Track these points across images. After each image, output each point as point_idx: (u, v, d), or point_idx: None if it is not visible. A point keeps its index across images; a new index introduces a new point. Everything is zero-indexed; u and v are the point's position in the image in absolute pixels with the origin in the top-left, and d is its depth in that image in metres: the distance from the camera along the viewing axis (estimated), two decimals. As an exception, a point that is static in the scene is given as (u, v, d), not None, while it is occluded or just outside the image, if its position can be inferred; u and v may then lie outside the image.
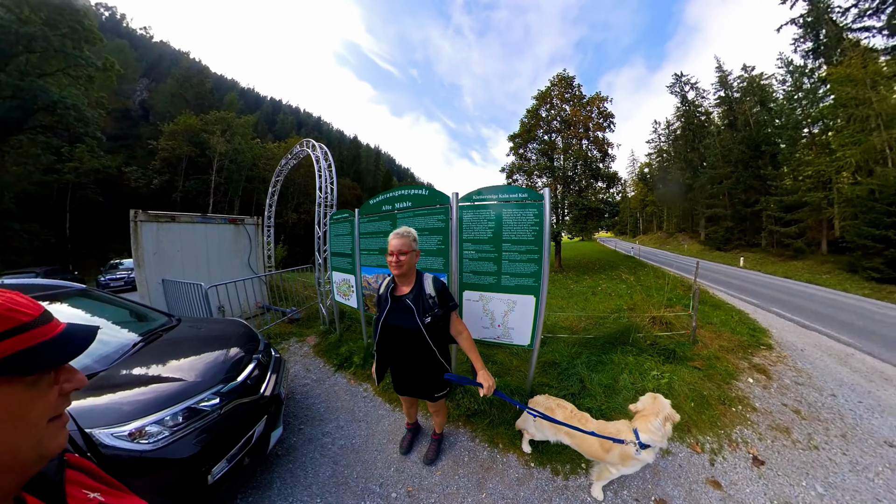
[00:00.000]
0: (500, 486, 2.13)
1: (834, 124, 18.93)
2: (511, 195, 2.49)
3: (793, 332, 6.15)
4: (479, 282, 2.65)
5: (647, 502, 2.01)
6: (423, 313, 1.68)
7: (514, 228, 2.49)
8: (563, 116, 19.11)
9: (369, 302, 3.69)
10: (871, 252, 13.55)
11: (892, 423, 3.15)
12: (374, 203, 3.40)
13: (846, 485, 2.29)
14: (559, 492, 2.07)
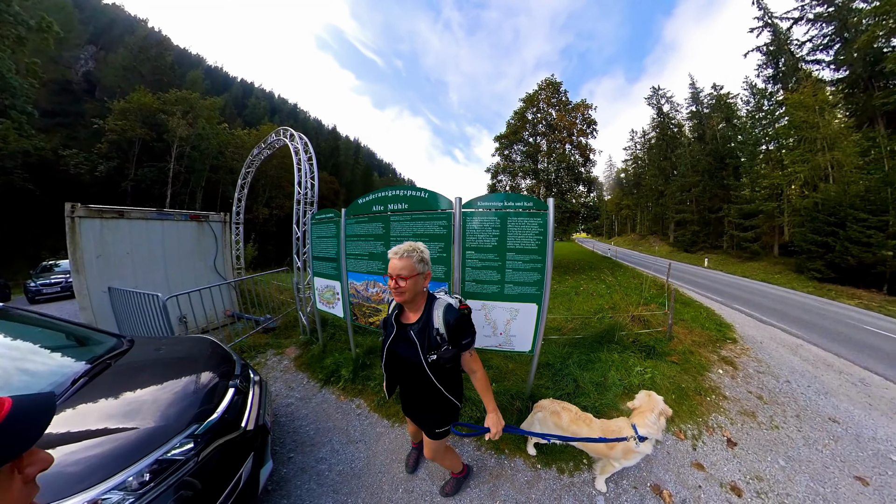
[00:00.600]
0: (511, 491, 2.15)
1: (787, 143, 21.54)
2: (516, 203, 2.44)
3: (753, 326, 6.82)
4: (481, 291, 2.57)
5: (643, 489, 2.19)
6: (428, 350, 1.42)
7: (519, 237, 2.43)
8: (548, 120, 19.65)
9: (357, 311, 3.34)
10: (815, 256, 15.87)
11: (834, 402, 3.69)
12: (363, 203, 3.05)
13: (801, 457, 2.66)
14: (567, 489, 2.17)
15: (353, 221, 3.22)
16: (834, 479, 2.46)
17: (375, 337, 4.09)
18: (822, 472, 2.51)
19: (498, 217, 2.45)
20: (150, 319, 3.69)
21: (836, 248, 15.03)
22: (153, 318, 3.65)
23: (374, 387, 3.29)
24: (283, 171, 32.86)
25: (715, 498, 2.16)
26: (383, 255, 2.90)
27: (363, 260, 3.16)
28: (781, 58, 22.78)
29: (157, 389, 1.77)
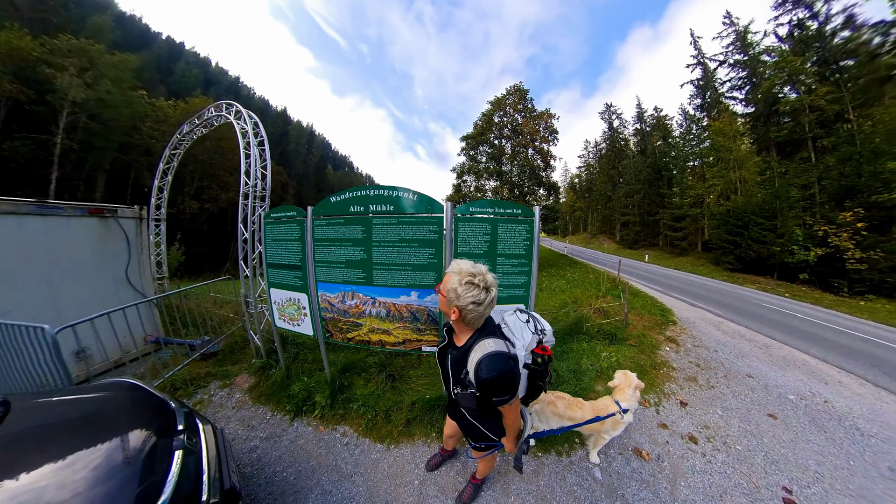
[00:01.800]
0: (521, 483, 2.18)
1: (708, 161, 25.70)
2: (506, 210, 2.45)
3: (686, 309, 7.96)
4: None
5: (627, 453, 2.51)
6: (454, 384, 1.25)
7: (508, 243, 2.45)
8: (514, 125, 20.29)
9: (332, 327, 2.79)
10: (727, 251, 19.45)
11: (749, 363, 4.64)
12: (338, 201, 2.58)
13: (732, 406, 3.37)
14: (567, 469, 2.32)
15: (323, 223, 2.63)
16: (755, 419, 3.18)
17: (349, 353, 3.65)
18: (747, 415, 3.23)
19: (489, 223, 2.42)
20: (31, 364, 2.44)
21: (742, 245, 18.48)
22: (36, 361, 2.42)
23: (359, 409, 2.83)
24: (218, 155, 27.30)
25: (679, 448, 2.63)
26: (364, 262, 2.55)
27: (338, 268, 2.64)
28: (708, 91, 27.04)
29: (60, 472, 1.11)
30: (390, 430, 2.62)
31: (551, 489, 2.12)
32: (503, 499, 2.05)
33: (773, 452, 2.67)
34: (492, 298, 1.16)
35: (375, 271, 2.53)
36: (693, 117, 29.01)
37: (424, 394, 2.96)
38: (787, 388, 3.90)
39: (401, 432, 2.60)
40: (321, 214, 2.67)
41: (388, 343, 2.68)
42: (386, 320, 2.63)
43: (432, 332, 2.60)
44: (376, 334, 2.68)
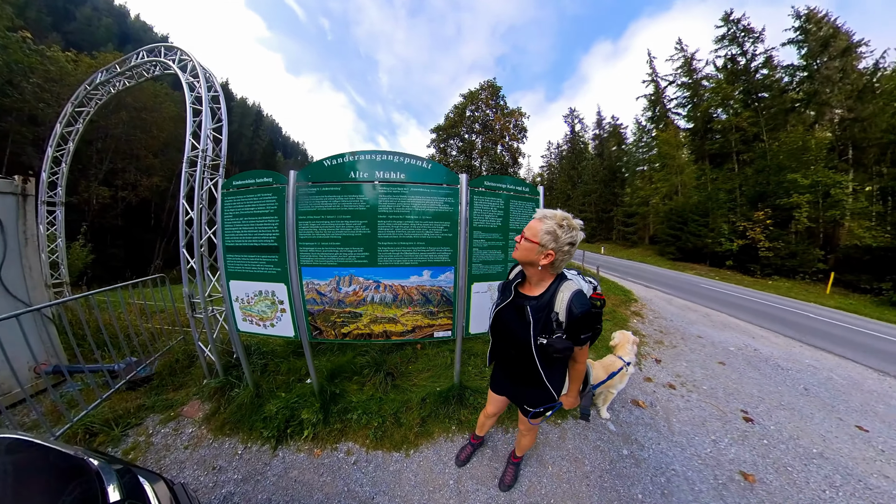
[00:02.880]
0: (552, 451, 2.21)
1: (655, 167, 28.60)
2: (517, 187, 2.41)
3: (643, 290, 9.02)
4: (487, 272, 2.38)
5: (627, 405, 2.82)
6: (541, 332, 1.19)
7: (518, 218, 2.42)
8: (485, 120, 20.40)
9: (322, 322, 2.25)
10: (670, 243, 22.42)
11: (697, 328, 5.54)
12: (333, 165, 2.11)
13: (692, 359, 4.07)
14: (587, 428, 2.46)
15: (312, 191, 2.11)
16: (710, 366, 3.89)
17: (332, 356, 3.16)
18: (704, 364, 3.95)
19: (502, 199, 2.35)
20: None
21: (682, 238, 21.52)
22: None
23: (360, 418, 2.34)
24: (139, 130, 20.50)
25: (664, 395, 3.14)
26: (366, 239, 2.14)
27: (331, 248, 2.15)
28: (658, 106, 29.71)
29: None
30: (404, 434, 2.23)
31: (580, 449, 2.23)
32: (542, 470, 2.03)
33: (728, 388, 3.34)
34: (581, 239, 1.21)
35: (381, 249, 2.15)
36: (644, 128, 31.89)
37: (433, 387, 2.69)
38: (728, 343, 4.80)
39: (417, 434, 2.23)
40: (310, 181, 2.10)
41: (393, 333, 2.29)
42: (392, 306, 2.25)
43: (446, 315, 2.33)
44: (379, 324, 2.26)
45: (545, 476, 1.99)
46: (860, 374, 4.14)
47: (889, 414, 3.11)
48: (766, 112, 20.40)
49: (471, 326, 2.38)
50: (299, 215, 2.11)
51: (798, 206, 16.34)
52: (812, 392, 3.43)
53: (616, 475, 2.02)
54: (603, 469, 2.07)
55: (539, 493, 1.87)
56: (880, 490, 2.04)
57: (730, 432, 2.56)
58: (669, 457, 2.22)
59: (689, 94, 26.32)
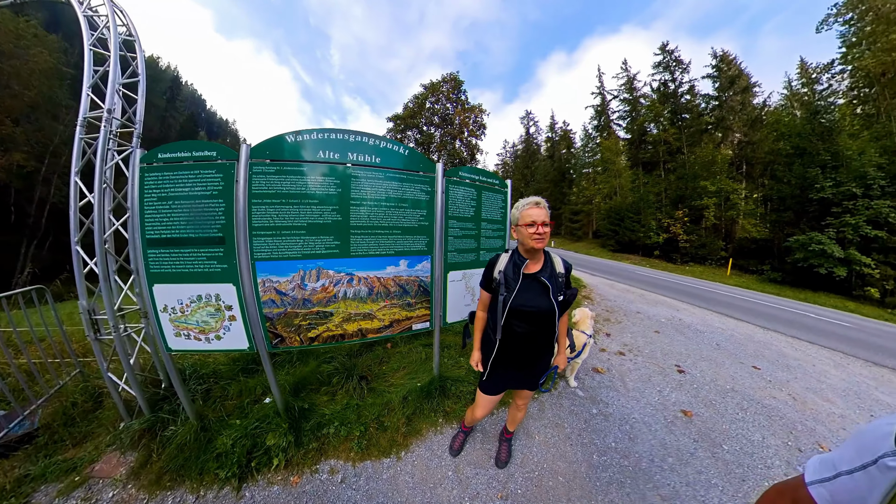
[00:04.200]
0: (536, 422, 2.35)
1: (598, 170, 31.89)
2: (487, 178, 2.51)
3: (590, 278, 10.06)
4: (461, 260, 2.43)
5: (589, 372, 3.19)
6: (558, 291, 1.40)
7: (489, 208, 2.52)
8: (445, 114, 20.19)
9: (283, 327, 1.92)
10: (610, 237, 25.54)
11: (635, 306, 6.38)
12: (297, 142, 1.84)
13: (634, 330, 4.67)
14: (560, 397, 2.71)
15: (271, 170, 1.79)
16: (648, 335, 4.52)
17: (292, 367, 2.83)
18: (643, 333, 4.56)
19: (475, 189, 2.44)
20: None
21: (619, 233, 24.42)
22: None
23: (339, 431, 2.13)
24: None
25: (616, 361, 3.57)
26: (337, 226, 1.94)
27: (294, 237, 1.86)
28: (603, 116, 34.14)
29: None
30: (391, 437, 2.14)
31: (558, 416, 2.46)
32: (530, 441, 2.17)
33: (663, 350, 3.94)
34: None
35: (354, 237, 1.98)
36: (590, 135, 35.47)
37: (413, 384, 2.59)
38: (660, 316, 5.62)
39: (405, 434, 2.16)
40: (268, 158, 1.79)
41: (370, 331, 2.12)
42: (368, 301, 2.09)
43: (424, 306, 2.29)
44: (353, 323, 2.06)
45: (534, 445, 2.15)
46: (752, 330, 5.35)
47: (772, 356, 4.17)
48: (686, 130, 24.82)
49: (448, 315, 2.38)
50: (253, 198, 1.76)
51: (707, 207, 20.46)
52: (722, 346, 4.30)
53: (591, 431, 2.31)
54: (580, 428, 2.34)
55: (533, 461, 2.02)
56: (771, 407, 2.83)
57: (669, 383, 3.07)
58: (629, 409, 2.60)
59: (629, 108, 30.32)
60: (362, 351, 3.17)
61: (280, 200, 1.81)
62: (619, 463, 2.03)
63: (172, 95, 51.71)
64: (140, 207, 1.71)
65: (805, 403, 2.95)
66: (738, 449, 2.23)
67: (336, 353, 2.92)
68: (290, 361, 2.88)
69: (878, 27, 16.19)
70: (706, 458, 2.12)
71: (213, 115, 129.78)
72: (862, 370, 4.09)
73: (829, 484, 0.45)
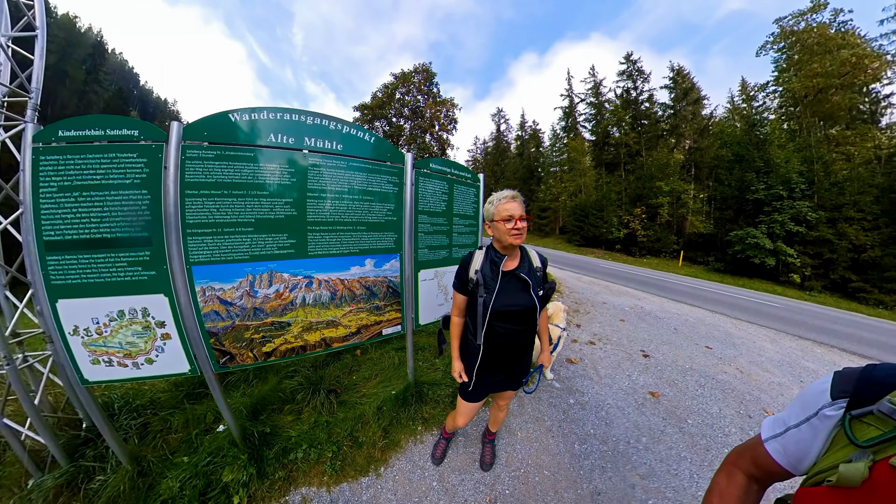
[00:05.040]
0: (518, 419, 2.37)
1: (565, 169, 33.52)
2: (460, 172, 2.44)
3: (558, 272, 10.53)
4: (433, 258, 2.32)
5: (564, 363, 3.28)
6: (538, 286, 1.37)
7: (461, 203, 2.45)
8: (416, 106, 19.86)
9: (232, 342, 1.67)
10: (576, 233, 26.93)
11: (602, 297, 6.73)
12: (243, 121, 1.56)
13: (602, 319, 4.88)
14: (539, 392, 2.76)
15: (211, 155, 1.50)
16: (615, 324, 4.76)
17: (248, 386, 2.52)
18: (610, 323, 4.80)
19: (447, 182, 2.34)
20: None
21: (584, 229, 25.94)
22: None
23: (308, 454, 1.94)
24: None
25: (588, 350, 3.70)
26: (292, 222, 1.70)
27: (241, 235, 1.60)
28: (570, 118, 35.87)
29: None
30: (368, 453, 2.00)
31: (538, 410, 2.50)
32: (513, 438, 2.18)
33: (629, 337, 4.16)
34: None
35: (312, 235, 1.76)
36: (558, 135, 37.19)
37: (387, 392, 2.45)
38: (624, 305, 5.97)
39: (383, 448, 2.05)
40: (206, 140, 1.49)
41: (335, 340, 1.93)
42: (331, 306, 1.89)
43: (393, 309, 2.14)
44: (315, 332, 1.85)
45: (517, 442, 2.15)
46: (702, 314, 5.93)
47: (720, 336, 4.66)
48: (645, 135, 27.08)
49: (420, 317, 2.27)
50: (187, 189, 1.47)
51: (662, 205, 22.57)
52: (679, 330, 4.67)
53: (570, 421, 2.38)
54: (560, 419, 2.39)
55: (517, 459, 2.02)
56: (723, 381, 3.18)
57: (636, 367, 3.24)
58: (603, 395, 2.71)
59: (594, 112, 32.32)
60: (329, 361, 2.93)
61: (222, 192, 1.54)
62: (599, 449, 2.10)
63: (95, 65, 43.26)
64: (34, 200, 1.34)
65: (750, 375, 3.33)
66: (700, 422, 2.44)
67: (299, 365, 2.67)
68: (245, 380, 2.56)
69: (804, 57, 19.12)
70: (675, 433, 2.29)
71: (149, 93, 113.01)
72: (790, 343, 4.73)
73: (780, 438, 0.54)
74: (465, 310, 1.49)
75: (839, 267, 15.05)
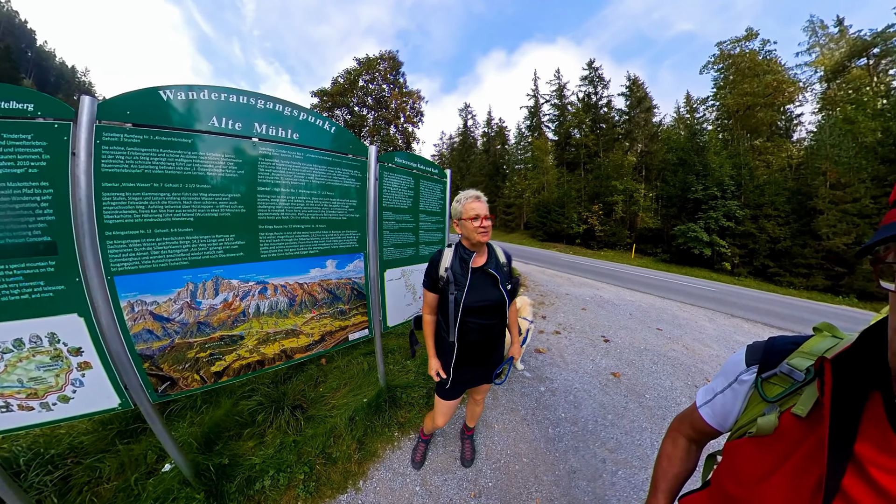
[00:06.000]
0: (494, 412, 2.44)
1: (529, 167, 35.12)
2: (426, 167, 2.41)
3: (523, 266, 11.10)
4: (399, 256, 2.27)
5: (533, 353, 3.43)
6: (505, 281, 1.44)
7: (428, 199, 2.42)
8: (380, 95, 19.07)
9: (171, 364, 1.43)
10: (539, 228, 28.64)
11: (564, 289, 7.16)
12: (178, 100, 1.31)
13: (566, 309, 5.21)
14: (511, 383, 2.83)
15: (137, 139, 1.24)
16: (578, 313, 5.09)
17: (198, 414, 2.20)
18: (573, 312, 5.13)
19: (413, 178, 2.29)
20: None
21: (547, 224, 27.63)
22: None
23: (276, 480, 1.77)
24: None
25: (554, 339, 3.91)
26: (240, 221, 1.50)
27: (177, 236, 1.37)
28: (535, 118, 37.53)
29: None
30: (344, 468, 1.91)
31: (511, 401, 2.59)
32: (490, 431, 2.24)
33: (591, 324, 4.48)
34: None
35: (265, 235, 1.58)
36: (523, 134, 38.97)
37: (358, 401, 2.32)
38: (585, 295, 6.44)
39: (359, 460, 1.96)
40: (129, 121, 1.22)
41: (297, 351, 1.77)
42: (290, 313, 1.74)
43: (359, 312, 2.04)
44: (273, 344, 1.69)
45: (495, 435, 2.22)
46: (653, 300, 6.61)
47: (668, 318, 5.27)
48: (603, 137, 29.63)
49: (388, 319, 2.21)
50: (104, 181, 1.20)
51: (617, 203, 24.98)
52: (634, 315, 5.16)
53: (542, 407, 2.52)
54: (533, 407, 2.51)
55: (497, 450, 2.09)
56: (673, 357, 3.59)
57: (598, 351, 3.52)
58: (571, 380, 2.91)
59: (558, 113, 34.51)
60: (291, 374, 2.71)
61: (151, 185, 1.29)
62: (571, 430, 2.27)
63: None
64: None
65: (694, 351, 3.81)
66: (656, 395, 2.75)
67: (257, 383, 2.45)
68: (192, 407, 2.25)
69: (737, 77, 22.93)
70: (636, 408, 2.55)
71: (50, 57, 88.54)
72: (724, 321, 5.48)
73: (710, 403, 0.64)
74: (436, 308, 1.51)
75: (760, 256, 17.91)
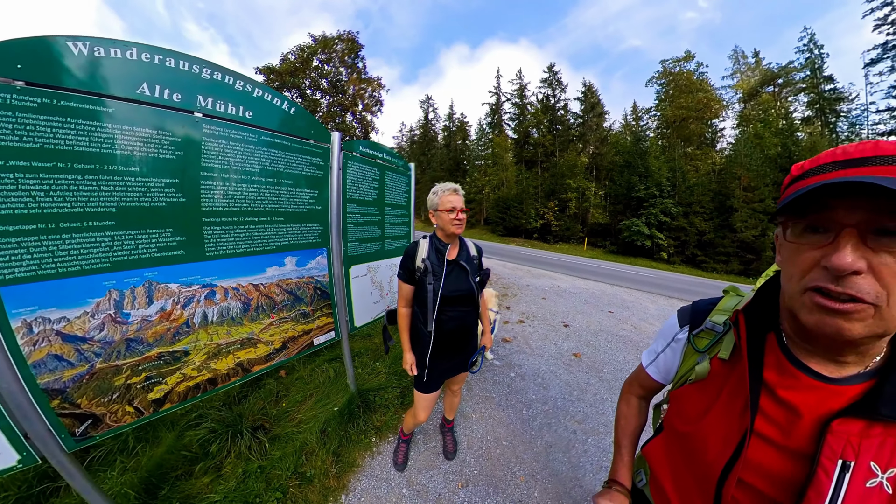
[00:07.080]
0: (470, 402, 2.52)
1: (489, 163, 36.44)
2: (391, 158, 2.36)
3: (485, 261, 11.13)
4: (365, 251, 2.20)
5: (500, 343, 3.63)
6: (475, 273, 1.54)
7: (393, 192, 2.40)
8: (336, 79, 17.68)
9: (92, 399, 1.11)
10: (499, 224, 30.04)
11: (525, 280, 7.61)
12: (96, 58, 1.00)
13: (529, 299, 5.56)
14: (483, 372, 2.97)
15: (31, 103, 0.90)
16: (539, 302, 5.46)
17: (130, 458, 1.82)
18: (534, 301, 5.49)
19: (378, 169, 2.23)
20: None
21: (506, 220, 29.00)
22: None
23: None
24: None
25: (519, 328, 4.13)
26: (179, 212, 1.25)
27: (93, 231, 1.05)
28: (496, 115, 38.46)
29: None
30: (322, 484, 1.80)
31: (485, 390, 2.71)
32: (469, 421, 2.31)
33: (551, 312, 4.84)
34: None
35: (211, 229, 1.35)
36: (484, 130, 40.15)
37: (329, 410, 2.20)
38: (544, 286, 6.93)
39: (337, 473, 1.87)
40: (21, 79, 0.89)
41: (254, 363, 1.57)
42: (244, 320, 1.53)
43: (324, 313, 1.90)
44: (226, 357, 1.47)
45: (474, 424, 2.30)
46: (605, 287, 7.38)
47: (618, 302, 5.96)
48: (559, 138, 31.78)
49: (355, 318, 2.12)
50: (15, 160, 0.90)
51: (570, 200, 27.14)
52: (589, 301, 5.70)
53: (514, 392, 2.71)
54: (506, 393, 2.69)
55: (478, 439, 2.17)
56: (624, 336, 4.07)
57: (560, 336, 3.84)
58: (538, 364, 3.15)
59: (518, 112, 35.94)
60: (246, 392, 2.43)
61: (54, 164, 0.96)
62: (542, 409, 2.48)
63: None
64: None
65: (641, 329, 4.37)
66: (613, 369, 3.15)
67: (205, 407, 2.14)
68: (122, 450, 1.86)
69: (675, 92, 27.54)
70: (596, 383, 2.89)
71: None
72: (664, 302, 6.34)
73: (654, 363, 0.76)
74: (412, 300, 1.53)
75: (690, 246, 21.37)
